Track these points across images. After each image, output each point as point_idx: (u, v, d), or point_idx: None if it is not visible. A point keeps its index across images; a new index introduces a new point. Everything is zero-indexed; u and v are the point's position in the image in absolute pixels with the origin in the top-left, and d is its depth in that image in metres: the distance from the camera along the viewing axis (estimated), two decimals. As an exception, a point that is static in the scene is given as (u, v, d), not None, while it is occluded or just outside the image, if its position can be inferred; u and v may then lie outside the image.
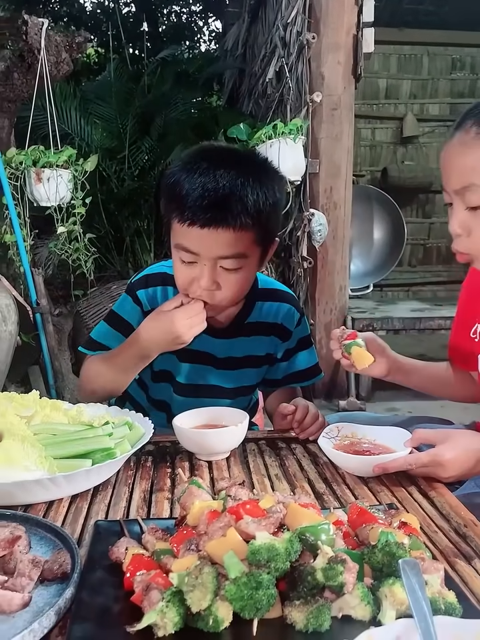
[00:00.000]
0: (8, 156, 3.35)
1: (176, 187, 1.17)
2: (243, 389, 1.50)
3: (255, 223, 1.17)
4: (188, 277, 1.23)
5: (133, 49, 8.19)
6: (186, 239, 1.18)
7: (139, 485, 1.06)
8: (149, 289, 1.40)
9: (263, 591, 0.61)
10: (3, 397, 1.11)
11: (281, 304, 1.45)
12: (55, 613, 0.64)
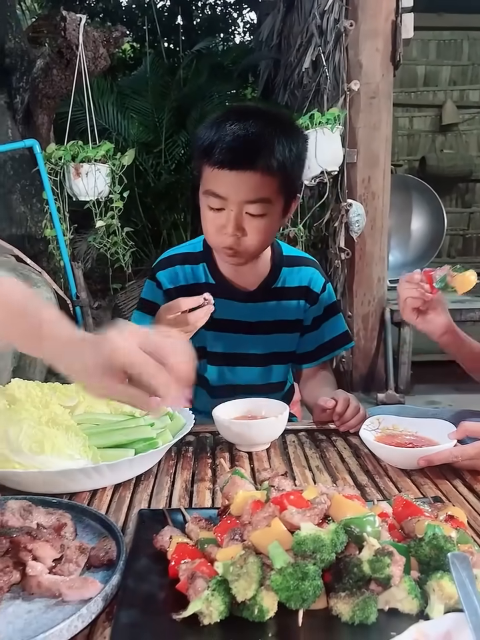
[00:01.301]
0: (48, 151, 3.41)
1: (208, 134, 1.26)
2: (275, 355, 1.52)
3: (280, 170, 1.24)
4: (215, 225, 1.30)
5: (168, 43, 8.21)
6: (215, 183, 1.26)
7: (180, 474, 1.07)
8: (168, 270, 1.47)
9: (309, 581, 0.61)
10: (47, 388, 1.13)
11: (305, 268, 1.51)
12: (102, 599, 0.65)
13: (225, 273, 1.46)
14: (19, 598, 0.68)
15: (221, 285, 1.45)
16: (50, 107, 3.76)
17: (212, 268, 1.47)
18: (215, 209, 1.28)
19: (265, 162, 1.22)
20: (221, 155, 1.22)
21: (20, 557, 0.70)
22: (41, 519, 0.77)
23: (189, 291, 1.45)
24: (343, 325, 1.56)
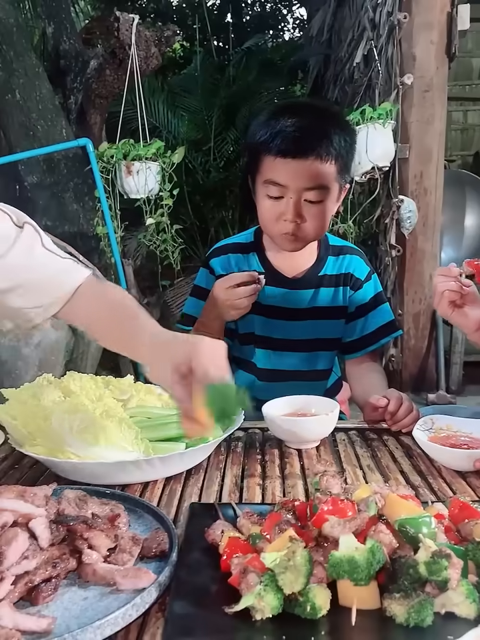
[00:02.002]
0: (100, 150, 3.47)
1: (267, 127, 1.32)
2: (320, 342, 1.56)
3: (337, 157, 1.32)
4: (274, 213, 1.36)
5: (218, 41, 8.24)
6: (276, 172, 1.32)
7: (230, 469, 1.07)
8: (221, 257, 1.55)
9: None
10: (101, 381, 1.16)
11: (350, 256, 1.55)
12: (156, 590, 0.66)
13: (273, 262, 1.53)
14: (75, 585, 0.69)
15: (270, 273, 1.51)
16: (102, 106, 3.83)
17: (261, 257, 1.54)
18: (274, 197, 1.34)
19: (324, 150, 1.29)
20: (284, 144, 1.28)
21: (76, 545, 0.71)
22: (96, 509, 0.79)
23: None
24: (389, 314, 1.58)
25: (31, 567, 0.66)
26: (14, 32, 3.84)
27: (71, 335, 2.79)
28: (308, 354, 1.55)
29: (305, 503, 0.79)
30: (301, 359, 1.55)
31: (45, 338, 2.63)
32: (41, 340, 2.61)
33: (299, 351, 1.55)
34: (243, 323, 1.54)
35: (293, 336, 1.53)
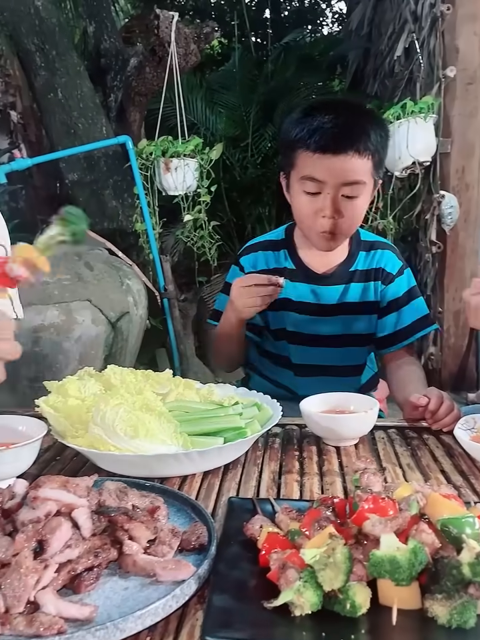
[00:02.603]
0: (139, 147, 3.51)
1: (303, 123, 1.33)
2: (352, 337, 1.55)
3: (374, 153, 1.34)
4: (311, 209, 1.37)
5: (256, 37, 8.22)
6: (314, 167, 1.33)
7: (267, 465, 1.07)
8: (250, 255, 1.57)
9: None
10: (140, 375, 1.17)
11: (382, 251, 1.55)
12: (195, 582, 0.67)
13: (304, 259, 1.53)
14: (116, 575, 0.70)
15: (300, 270, 1.53)
16: (142, 104, 3.87)
17: (292, 254, 1.55)
18: (311, 193, 1.35)
19: (362, 145, 1.31)
20: (323, 140, 1.30)
21: (117, 535, 0.72)
22: (136, 501, 0.80)
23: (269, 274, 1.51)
24: (423, 308, 1.56)
25: (73, 555, 0.67)
26: (56, 32, 3.91)
27: (110, 330, 2.83)
28: (340, 349, 1.56)
29: (344, 500, 0.78)
30: (332, 354, 1.56)
31: (85, 333, 2.67)
32: (81, 335, 2.66)
33: (331, 346, 1.55)
34: (274, 319, 1.55)
35: (324, 332, 1.53)
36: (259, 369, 1.68)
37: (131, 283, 3.09)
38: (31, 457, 0.98)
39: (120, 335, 2.92)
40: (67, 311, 2.63)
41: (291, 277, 1.50)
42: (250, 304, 1.36)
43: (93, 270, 2.89)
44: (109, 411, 0.97)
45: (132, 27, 5.09)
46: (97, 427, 0.97)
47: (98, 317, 2.76)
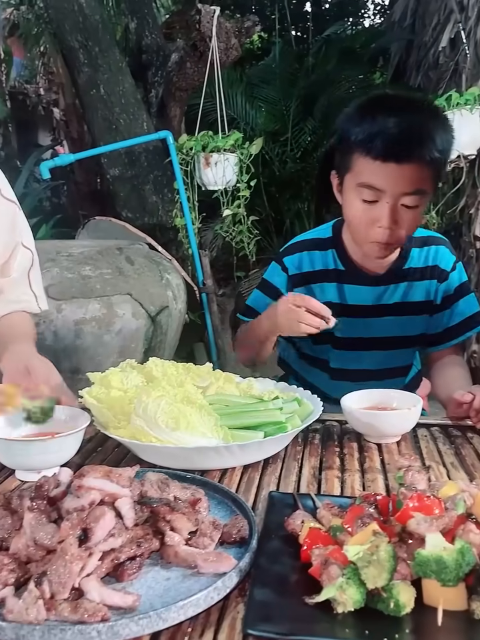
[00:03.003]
0: (179, 142, 3.52)
1: (364, 125, 1.22)
2: (403, 339, 1.49)
3: (438, 161, 1.23)
4: (367, 218, 1.27)
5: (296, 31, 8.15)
6: (373, 175, 1.22)
7: (307, 461, 1.07)
8: (295, 255, 1.48)
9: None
10: (182, 367, 1.17)
11: (435, 247, 1.47)
12: (237, 575, 0.67)
13: (355, 259, 1.44)
14: (158, 565, 0.71)
15: (350, 271, 1.45)
16: (182, 99, 3.89)
17: (341, 254, 1.46)
18: (368, 201, 1.25)
19: (428, 153, 1.20)
20: (386, 148, 1.19)
21: (158, 526, 0.73)
22: (177, 493, 0.80)
23: (316, 276, 1.47)
24: (475, 305, 1.50)
25: (116, 544, 0.68)
26: (99, 28, 3.96)
27: (150, 323, 2.85)
28: (388, 352, 1.49)
29: (387, 498, 0.77)
30: (380, 357, 1.50)
31: (125, 326, 2.70)
32: (121, 328, 2.69)
33: (380, 349, 1.49)
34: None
35: (375, 334, 1.47)
36: (296, 370, 1.63)
37: (171, 277, 3.10)
38: (75, 447, 1.00)
39: (159, 328, 2.95)
40: (108, 305, 2.66)
41: (340, 279, 1.44)
42: (293, 327, 1.26)
43: (134, 264, 2.92)
44: (150, 403, 0.98)
45: (172, 23, 5.11)
46: (139, 419, 0.98)
47: (138, 311, 2.78)
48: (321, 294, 1.44)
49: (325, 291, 1.45)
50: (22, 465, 0.97)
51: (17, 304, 1.33)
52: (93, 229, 3.68)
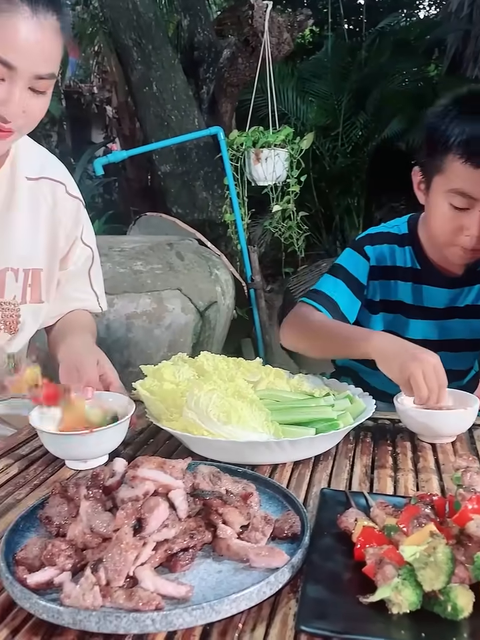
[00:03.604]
0: (230, 138, 3.53)
1: (464, 123, 1.15)
2: (471, 342, 1.43)
3: None
4: (455, 225, 1.22)
5: (349, 24, 8.04)
6: (469, 182, 1.16)
7: (359, 459, 1.05)
8: (376, 246, 1.42)
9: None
10: (232, 362, 1.18)
11: None
12: (289, 570, 0.66)
13: (433, 258, 1.38)
14: (210, 557, 0.71)
15: (427, 271, 1.39)
16: (233, 95, 3.89)
17: (417, 252, 1.40)
18: (458, 208, 1.20)
19: None
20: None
21: (211, 519, 0.73)
22: (229, 486, 0.80)
23: (393, 272, 1.42)
24: None
25: (170, 535, 0.68)
26: (152, 26, 4.00)
27: (198, 318, 2.88)
28: (452, 354, 1.42)
29: (443, 499, 0.75)
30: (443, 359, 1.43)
31: (174, 321, 2.73)
32: (171, 322, 2.72)
33: (445, 351, 1.38)
34: (391, 322, 1.43)
35: (443, 336, 1.42)
36: (354, 369, 1.57)
37: (220, 273, 3.12)
38: (116, 438, 1.00)
39: (208, 323, 2.97)
40: (158, 299, 2.70)
41: (416, 279, 1.39)
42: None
43: (184, 260, 2.95)
44: (202, 396, 0.98)
45: (224, 19, 5.13)
46: (191, 412, 0.99)
47: (187, 306, 2.81)
48: (395, 292, 1.40)
49: (400, 290, 1.40)
50: (68, 455, 0.99)
51: (79, 302, 1.36)
52: (144, 224, 3.73)
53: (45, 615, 0.60)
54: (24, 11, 0.93)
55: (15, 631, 0.61)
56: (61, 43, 1.01)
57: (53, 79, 1.01)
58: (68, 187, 1.27)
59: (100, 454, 0.99)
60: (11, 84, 0.96)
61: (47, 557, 0.65)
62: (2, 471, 0.99)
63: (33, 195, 1.20)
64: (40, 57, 0.97)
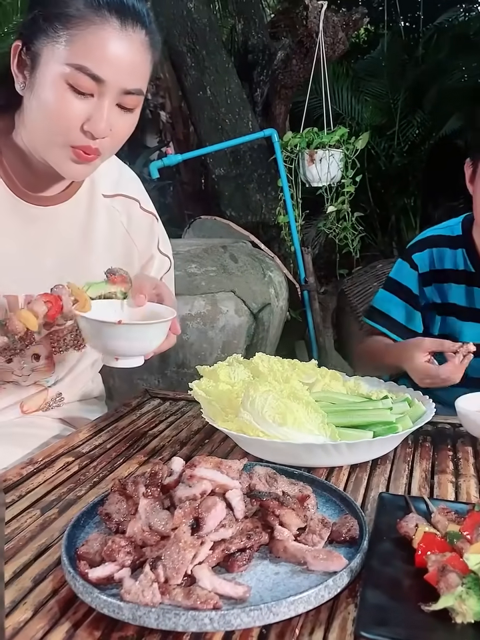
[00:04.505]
0: (284, 140, 3.52)
1: None
2: None
3: None
4: None
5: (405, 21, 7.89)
6: None
7: (418, 463, 1.02)
8: (424, 252, 1.42)
9: None
10: (287, 364, 1.17)
11: None
12: (347, 575, 0.65)
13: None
14: (266, 559, 0.71)
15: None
16: (287, 96, 3.88)
17: (471, 254, 1.37)
18: None
19: None
20: None
21: (267, 520, 0.73)
22: (285, 488, 0.80)
23: (445, 275, 1.40)
24: None
25: (227, 535, 0.68)
26: (206, 31, 4.04)
27: (252, 320, 2.88)
28: None
29: (509, 507, 0.72)
30: None
31: (228, 322, 2.74)
32: (225, 324, 2.73)
33: None
34: (442, 326, 1.42)
35: None
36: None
37: (273, 274, 3.11)
38: (159, 337, 1.00)
39: (261, 325, 2.96)
40: (212, 301, 2.71)
41: (470, 281, 1.36)
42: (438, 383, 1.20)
43: (237, 262, 2.96)
44: (258, 397, 0.98)
45: (278, 22, 5.13)
46: (246, 413, 0.99)
47: (241, 308, 2.82)
48: (448, 295, 1.38)
49: (453, 292, 1.38)
50: (100, 345, 1.00)
51: None
52: (199, 227, 3.76)
53: (105, 609, 0.61)
54: (113, 24, 0.91)
55: (76, 625, 0.62)
56: (150, 59, 0.99)
57: (141, 95, 0.98)
58: (142, 202, 1.24)
59: (131, 352, 0.99)
60: (100, 99, 0.94)
61: (107, 553, 0.66)
62: (63, 468, 1.01)
63: (110, 213, 1.19)
64: (129, 71, 0.94)
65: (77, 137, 0.95)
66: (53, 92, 0.93)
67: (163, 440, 1.13)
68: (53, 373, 1.22)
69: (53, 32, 0.92)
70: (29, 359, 1.17)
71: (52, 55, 0.92)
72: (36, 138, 1.00)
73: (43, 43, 0.93)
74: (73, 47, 0.91)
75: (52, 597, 0.67)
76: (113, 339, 0.97)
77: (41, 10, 0.93)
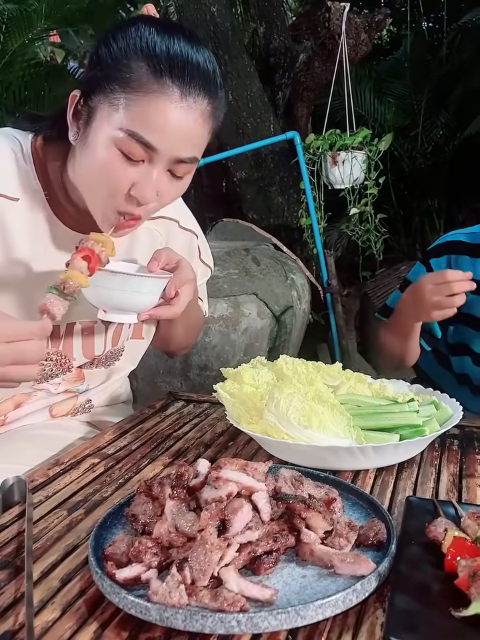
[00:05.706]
0: (307, 142, 3.52)
1: None
2: None
3: None
4: None
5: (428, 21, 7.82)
6: None
7: (446, 467, 1.01)
8: (442, 257, 1.41)
9: None
10: (312, 366, 1.16)
11: None
12: (375, 579, 0.64)
13: None
14: (293, 562, 0.71)
15: None
16: (309, 99, 3.88)
17: None
18: None
19: None
20: None
21: (294, 523, 0.72)
22: (311, 491, 0.79)
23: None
24: None
25: (253, 537, 0.68)
26: (229, 36, 4.05)
27: (274, 323, 2.88)
28: None
29: None
30: None
31: (251, 325, 2.75)
32: (247, 327, 2.73)
33: None
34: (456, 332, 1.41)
35: None
36: (435, 381, 1.54)
37: (295, 277, 3.11)
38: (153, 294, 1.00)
39: (283, 328, 2.96)
40: (234, 304, 2.72)
41: None
42: (446, 304, 1.21)
43: (260, 265, 2.96)
44: (282, 400, 0.98)
45: (300, 25, 5.12)
46: (271, 415, 0.98)
47: (263, 310, 2.82)
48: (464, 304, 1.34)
49: (468, 302, 1.33)
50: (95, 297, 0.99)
51: None
52: (221, 230, 3.77)
53: (133, 610, 0.61)
54: (172, 94, 0.88)
55: (104, 625, 0.62)
56: (210, 127, 0.96)
57: (195, 163, 0.96)
58: (181, 221, 1.25)
59: (125, 306, 0.99)
60: (150, 165, 0.92)
61: (134, 554, 0.67)
62: (89, 469, 1.02)
63: (151, 235, 1.19)
64: (183, 141, 0.92)
65: (122, 202, 0.94)
66: (104, 155, 0.91)
67: (187, 442, 1.13)
68: (84, 381, 1.24)
69: (111, 93, 0.89)
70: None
71: (107, 115, 0.90)
72: (83, 189, 0.99)
73: (100, 101, 0.91)
74: (128, 112, 0.88)
75: (79, 597, 0.67)
76: (108, 289, 0.96)
77: (102, 69, 0.91)
